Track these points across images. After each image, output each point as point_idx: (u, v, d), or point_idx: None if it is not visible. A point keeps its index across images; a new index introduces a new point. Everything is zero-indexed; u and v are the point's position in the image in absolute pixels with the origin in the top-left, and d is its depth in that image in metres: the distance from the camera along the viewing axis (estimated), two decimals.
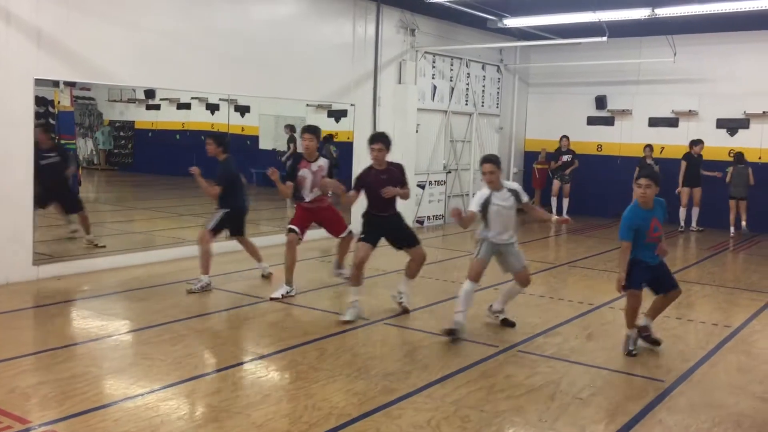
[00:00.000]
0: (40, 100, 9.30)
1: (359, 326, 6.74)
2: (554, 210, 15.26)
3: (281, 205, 15.31)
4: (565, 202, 15.28)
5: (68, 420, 4.44)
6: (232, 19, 10.26)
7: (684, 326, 7.14)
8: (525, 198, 6.69)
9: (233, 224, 8.22)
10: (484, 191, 6.60)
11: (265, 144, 15.38)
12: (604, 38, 11.98)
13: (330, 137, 13.09)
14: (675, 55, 13.35)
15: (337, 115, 13.71)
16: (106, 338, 6.25)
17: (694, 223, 14.08)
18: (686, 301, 7.66)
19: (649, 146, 14.47)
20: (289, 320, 6.89)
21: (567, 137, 15.55)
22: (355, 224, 7.78)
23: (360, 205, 7.22)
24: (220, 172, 8.04)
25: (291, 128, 14.63)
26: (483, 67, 15.53)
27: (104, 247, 9.55)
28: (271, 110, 14.80)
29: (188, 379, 5.20)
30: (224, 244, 10.38)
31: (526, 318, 7.25)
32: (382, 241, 7.14)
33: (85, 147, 14.71)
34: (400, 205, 7.31)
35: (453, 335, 6.29)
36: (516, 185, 6.79)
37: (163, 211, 10.94)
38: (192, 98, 13.58)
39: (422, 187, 13.81)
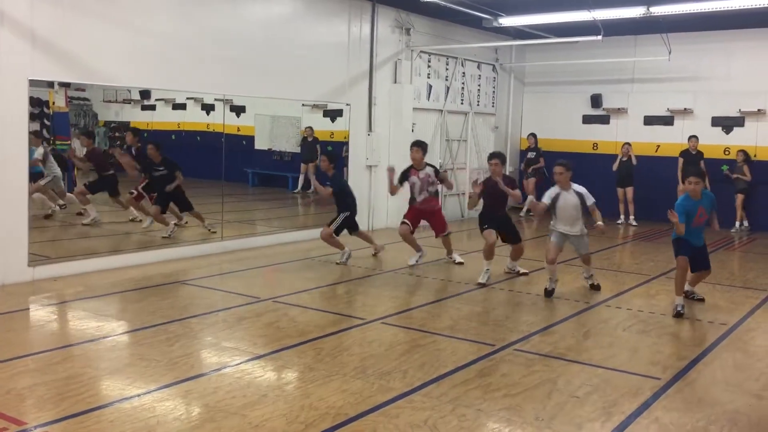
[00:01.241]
0: (34, 101, 9.29)
1: (355, 326, 6.74)
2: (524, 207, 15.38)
3: (274, 206, 15.34)
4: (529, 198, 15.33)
5: (64, 421, 4.42)
6: (227, 19, 10.24)
7: (680, 324, 7.15)
8: (590, 201, 8.09)
9: (349, 225, 9.74)
10: (555, 188, 8.08)
11: (261, 144, 15.36)
12: (599, 37, 11.99)
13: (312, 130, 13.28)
14: (670, 53, 13.36)
15: (333, 114, 13.70)
16: (102, 339, 6.23)
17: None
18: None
19: (628, 144, 14.59)
20: (284, 320, 6.88)
21: (533, 135, 15.65)
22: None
23: None
24: (336, 181, 9.83)
25: (311, 129, 14.56)
26: (478, 66, 15.54)
27: (215, 233, 10.71)
28: (266, 110, 14.77)
29: (184, 379, 5.19)
30: (220, 244, 10.38)
31: (521, 316, 7.27)
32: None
33: (80, 148, 14.66)
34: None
35: (550, 294, 8.01)
36: (583, 189, 8.14)
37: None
38: (187, 99, 13.54)
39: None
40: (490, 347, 6.16)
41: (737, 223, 13.72)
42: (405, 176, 9.60)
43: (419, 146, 9.58)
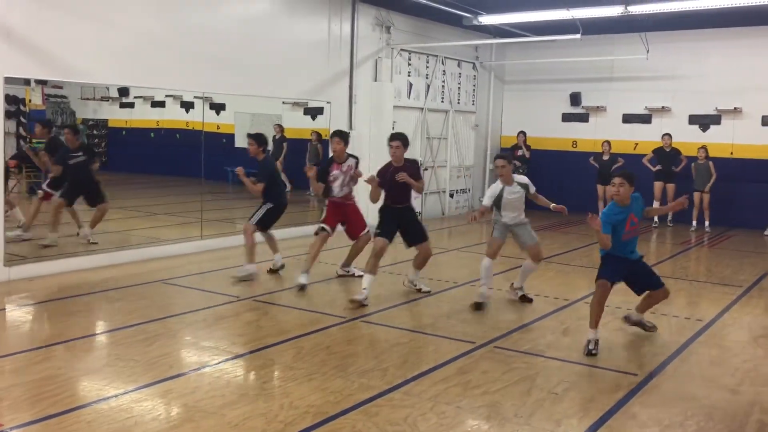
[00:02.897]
0: (10, 99, 9.15)
1: (336, 324, 6.74)
2: None
3: (254, 204, 15.27)
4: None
5: (41, 422, 4.38)
6: (207, 16, 10.18)
7: (657, 320, 7.21)
8: (533, 189, 7.64)
9: (273, 218, 8.71)
10: (497, 185, 7.54)
11: (241, 142, 15.24)
12: (578, 36, 12.08)
13: (319, 135, 13.16)
14: (648, 52, 13.49)
15: (314, 112, 13.67)
16: (80, 339, 6.18)
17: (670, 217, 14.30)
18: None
19: (607, 142, 14.76)
20: (265, 319, 6.86)
21: (523, 133, 15.80)
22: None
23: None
24: (261, 169, 8.59)
25: (280, 127, 14.59)
26: (459, 65, 15.58)
27: (96, 243, 9.68)
28: (246, 108, 14.69)
29: (163, 379, 5.16)
30: (198, 243, 10.32)
31: (501, 314, 7.31)
32: None
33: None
34: None
35: (480, 307, 7.33)
36: (526, 179, 7.71)
37: (138, 210, 10.86)
38: (166, 96, 13.45)
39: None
40: (470, 345, 6.19)
41: (694, 222, 13.80)
42: (326, 171, 8.36)
43: (341, 137, 8.39)
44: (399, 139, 7.84)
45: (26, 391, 4.86)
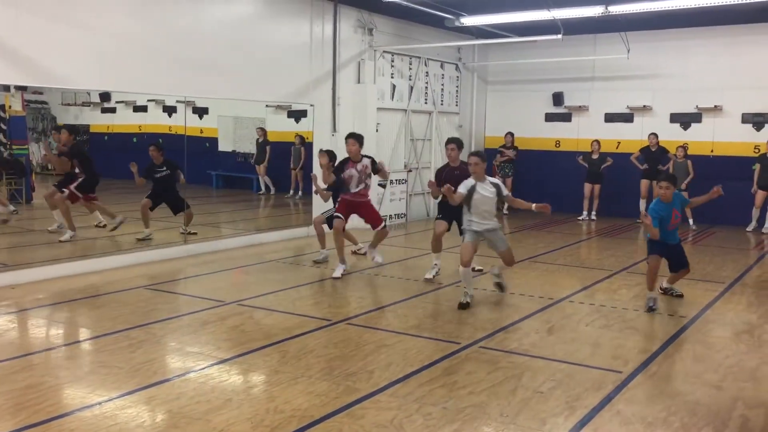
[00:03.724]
0: None
1: (321, 327, 6.72)
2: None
3: (239, 207, 15.23)
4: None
5: (23, 431, 4.34)
6: (188, 20, 10.13)
7: (641, 317, 7.28)
8: (505, 191, 7.81)
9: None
10: (470, 180, 7.60)
11: (224, 146, 15.23)
12: (559, 36, 12.14)
13: (303, 139, 13.15)
14: (629, 51, 13.58)
15: (297, 115, 13.65)
16: (62, 347, 6.13)
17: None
18: (644, 292, 7.80)
19: (597, 141, 14.88)
20: (249, 323, 6.83)
21: (511, 134, 15.90)
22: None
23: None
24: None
25: (263, 131, 14.58)
26: (441, 66, 15.61)
27: (196, 233, 10.82)
28: (230, 112, 14.66)
29: (147, 386, 5.12)
30: (183, 248, 10.27)
31: (487, 314, 7.32)
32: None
33: (38, 152, 14.39)
34: None
35: (465, 307, 7.42)
36: (497, 180, 7.85)
37: (121, 215, 10.80)
38: (148, 101, 13.37)
39: (383, 186, 13.82)
40: (455, 345, 6.20)
41: (689, 221, 13.95)
42: (341, 169, 9.15)
43: (356, 138, 9.16)
44: (454, 142, 8.86)
45: (8, 400, 4.80)
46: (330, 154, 9.53)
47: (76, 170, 10.32)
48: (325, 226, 9.68)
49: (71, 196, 10.19)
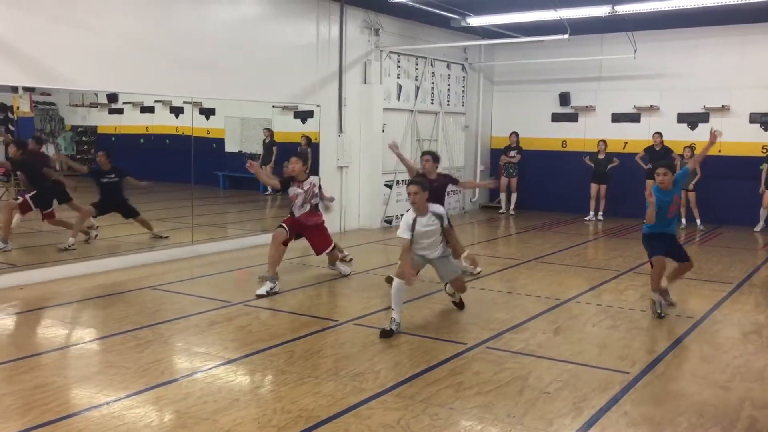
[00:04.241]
0: None
1: (328, 328, 6.73)
2: (503, 206, 15.65)
3: (246, 208, 15.25)
4: (513, 196, 15.61)
5: (31, 431, 4.35)
6: (195, 21, 10.16)
7: (648, 318, 7.25)
8: (446, 222, 6.91)
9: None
10: (410, 215, 6.72)
11: (231, 147, 15.24)
12: (566, 36, 12.12)
13: (309, 139, 13.13)
14: (635, 51, 13.54)
15: (304, 116, 13.65)
16: (70, 347, 6.16)
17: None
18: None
19: (603, 141, 14.88)
20: (256, 323, 6.85)
21: (516, 133, 15.88)
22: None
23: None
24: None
25: (270, 131, 14.57)
26: (448, 66, 15.60)
27: (167, 237, 10.62)
28: (236, 112, 14.67)
29: (155, 386, 5.14)
30: (190, 249, 10.30)
31: (493, 314, 7.31)
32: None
33: (47, 153, 14.46)
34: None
35: (389, 335, 6.39)
36: (441, 209, 6.90)
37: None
38: (156, 101, 13.40)
39: (389, 186, 13.83)
40: (462, 346, 6.19)
41: (683, 220, 13.90)
42: (287, 184, 8.50)
43: (299, 157, 8.55)
44: (429, 154, 8.65)
45: (16, 400, 4.83)
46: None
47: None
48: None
49: (22, 206, 9.77)
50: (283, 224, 8.45)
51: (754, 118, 14.10)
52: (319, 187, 8.61)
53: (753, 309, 7.79)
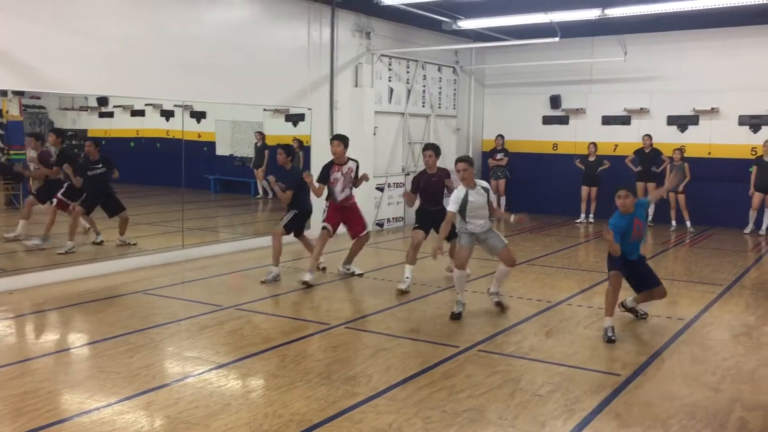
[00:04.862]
0: None
1: (320, 331, 6.72)
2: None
3: (237, 212, 15.22)
4: (502, 199, 15.65)
5: None
6: (185, 25, 10.15)
7: (638, 320, 7.27)
8: (492, 196, 7.54)
9: (299, 223, 9.04)
10: (461, 190, 7.32)
11: (222, 150, 15.21)
12: (557, 39, 12.17)
13: (300, 143, 13.11)
14: (625, 54, 13.61)
15: (295, 119, 13.63)
16: (61, 352, 6.12)
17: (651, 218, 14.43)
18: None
19: (593, 144, 14.92)
20: (248, 328, 6.83)
21: (501, 136, 15.91)
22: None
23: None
24: (290, 178, 8.92)
25: (261, 135, 14.55)
26: (439, 69, 15.63)
27: (135, 244, 10.36)
28: (227, 116, 14.64)
29: (146, 391, 5.12)
30: (181, 252, 10.26)
31: (485, 317, 7.32)
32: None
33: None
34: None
35: (458, 317, 7.18)
36: (486, 183, 7.61)
37: (118, 220, 10.80)
38: (146, 105, 13.37)
39: (381, 189, 13.83)
40: (454, 349, 6.20)
41: (673, 222, 13.98)
42: (326, 173, 8.78)
43: (340, 140, 8.83)
44: (431, 148, 8.57)
45: (6, 406, 4.80)
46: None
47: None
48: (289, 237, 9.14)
49: (60, 204, 10.08)
50: (326, 224, 8.80)
51: (743, 121, 14.19)
52: (356, 171, 8.88)
53: (743, 311, 7.83)
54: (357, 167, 8.93)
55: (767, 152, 13.24)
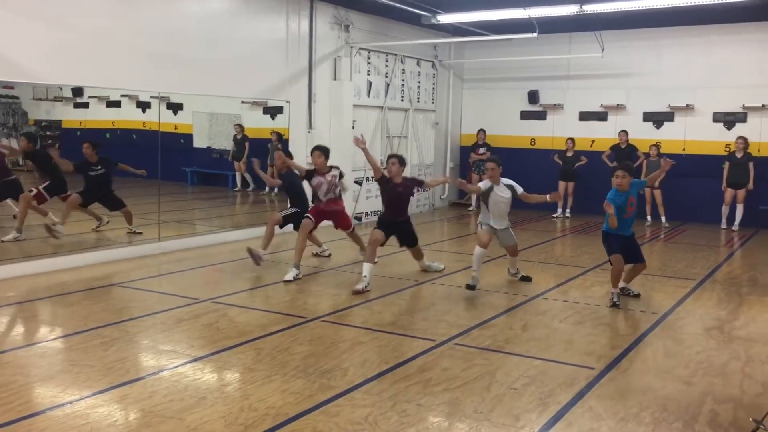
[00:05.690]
0: None
1: (296, 325, 6.70)
2: (473, 203, 15.80)
3: (214, 204, 15.13)
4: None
5: None
6: (163, 15, 10.03)
7: (613, 314, 7.36)
8: (519, 190, 8.37)
9: (297, 221, 9.30)
10: (487, 183, 8.34)
11: (199, 142, 15.09)
12: (535, 34, 12.23)
13: (280, 135, 13.04)
14: (603, 50, 13.70)
15: (273, 112, 13.56)
16: (33, 345, 6.04)
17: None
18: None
19: (571, 139, 15.05)
20: (224, 321, 6.79)
21: (483, 131, 15.96)
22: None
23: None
24: (290, 179, 9.61)
25: (241, 127, 14.46)
26: (418, 63, 15.63)
27: (141, 233, 10.54)
28: (204, 108, 14.52)
29: (119, 384, 5.07)
30: (157, 245, 10.17)
31: (461, 311, 7.35)
32: None
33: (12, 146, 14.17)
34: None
35: (472, 288, 8.04)
36: (511, 180, 8.43)
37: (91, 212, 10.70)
38: (122, 96, 13.22)
39: (359, 183, 13.82)
40: (430, 342, 6.22)
41: (648, 217, 14.16)
42: (311, 175, 9.16)
43: (321, 151, 9.13)
44: (395, 157, 8.59)
45: None
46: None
47: None
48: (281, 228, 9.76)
49: (38, 197, 10.11)
50: (310, 215, 9.04)
51: (717, 117, 14.37)
52: (340, 177, 9.20)
53: (715, 305, 7.95)
54: (340, 175, 9.22)
55: (740, 149, 13.44)
